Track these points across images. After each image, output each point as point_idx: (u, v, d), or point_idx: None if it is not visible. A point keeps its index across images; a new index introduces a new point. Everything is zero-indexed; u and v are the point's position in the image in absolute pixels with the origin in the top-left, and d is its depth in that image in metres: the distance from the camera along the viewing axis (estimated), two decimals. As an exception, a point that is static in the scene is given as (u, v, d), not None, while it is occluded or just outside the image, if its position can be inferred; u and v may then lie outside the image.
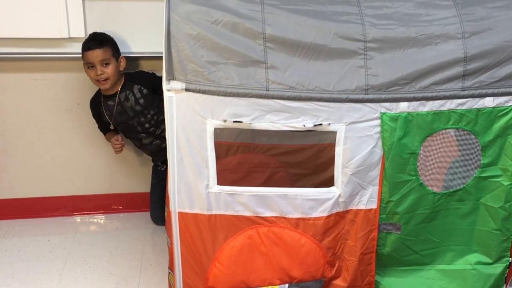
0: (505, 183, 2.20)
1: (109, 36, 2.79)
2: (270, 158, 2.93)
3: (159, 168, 3.08)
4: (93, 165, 3.16)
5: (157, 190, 3.07)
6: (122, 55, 2.81)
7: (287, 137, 2.92)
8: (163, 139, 2.91)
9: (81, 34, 2.81)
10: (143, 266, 2.72)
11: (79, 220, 3.16)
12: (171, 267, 2.30)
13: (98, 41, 2.72)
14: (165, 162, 2.99)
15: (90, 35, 2.77)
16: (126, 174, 3.20)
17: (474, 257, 2.31)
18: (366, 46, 2.04)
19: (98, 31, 2.79)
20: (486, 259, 2.30)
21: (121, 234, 3.01)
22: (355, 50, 2.03)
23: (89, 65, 2.73)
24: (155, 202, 3.08)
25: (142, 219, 3.14)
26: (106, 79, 2.73)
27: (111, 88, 2.80)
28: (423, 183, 2.16)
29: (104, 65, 2.72)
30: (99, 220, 3.18)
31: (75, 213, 3.21)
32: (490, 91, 2.10)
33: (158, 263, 2.75)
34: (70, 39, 2.81)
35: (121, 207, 3.24)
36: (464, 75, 2.08)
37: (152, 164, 3.13)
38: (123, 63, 2.81)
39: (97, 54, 2.70)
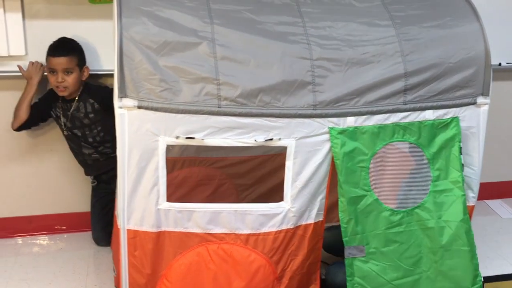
0: (459, 195, 2.27)
1: (78, 43, 2.73)
2: (216, 171, 2.96)
3: (92, 184, 3.02)
4: (32, 185, 3.08)
5: (96, 210, 3.01)
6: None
7: (233, 149, 2.95)
8: (103, 155, 2.88)
9: (22, 52, 2.77)
10: (88, 287, 2.67)
11: (20, 242, 3.06)
12: (117, 285, 2.27)
13: (65, 49, 2.67)
14: (96, 178, 2.96)
15: (58, 40, 2.70)
16: (69, 193, 3.13)
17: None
18: (313, 64, 2.13)
19: (39, 49, 2.72)
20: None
21: (65, 255, 2.94)
22: (302, 68, 2.12)
23: (51, 70, 2.68)
24: (95, 222, 3.02)
25: (87, 239, 3.07)
26: (65, 87, 2.69)
27: (69, 95, 2.76)
28: (378, 199, 2.22)
29: (66, 73, 2.67)
30: (42, 241, 3.09)
31: (15, 234, 3.10)
32: (430, 104, 2.26)
33: (103, 283, 2.70)
34: (10, 57, 2.76)
35: (64, 227, 3.16)
36: (405, 90, 2.22)
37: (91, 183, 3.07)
38: (86, 73, 2.76)
39: (61, 62, 2.65)
